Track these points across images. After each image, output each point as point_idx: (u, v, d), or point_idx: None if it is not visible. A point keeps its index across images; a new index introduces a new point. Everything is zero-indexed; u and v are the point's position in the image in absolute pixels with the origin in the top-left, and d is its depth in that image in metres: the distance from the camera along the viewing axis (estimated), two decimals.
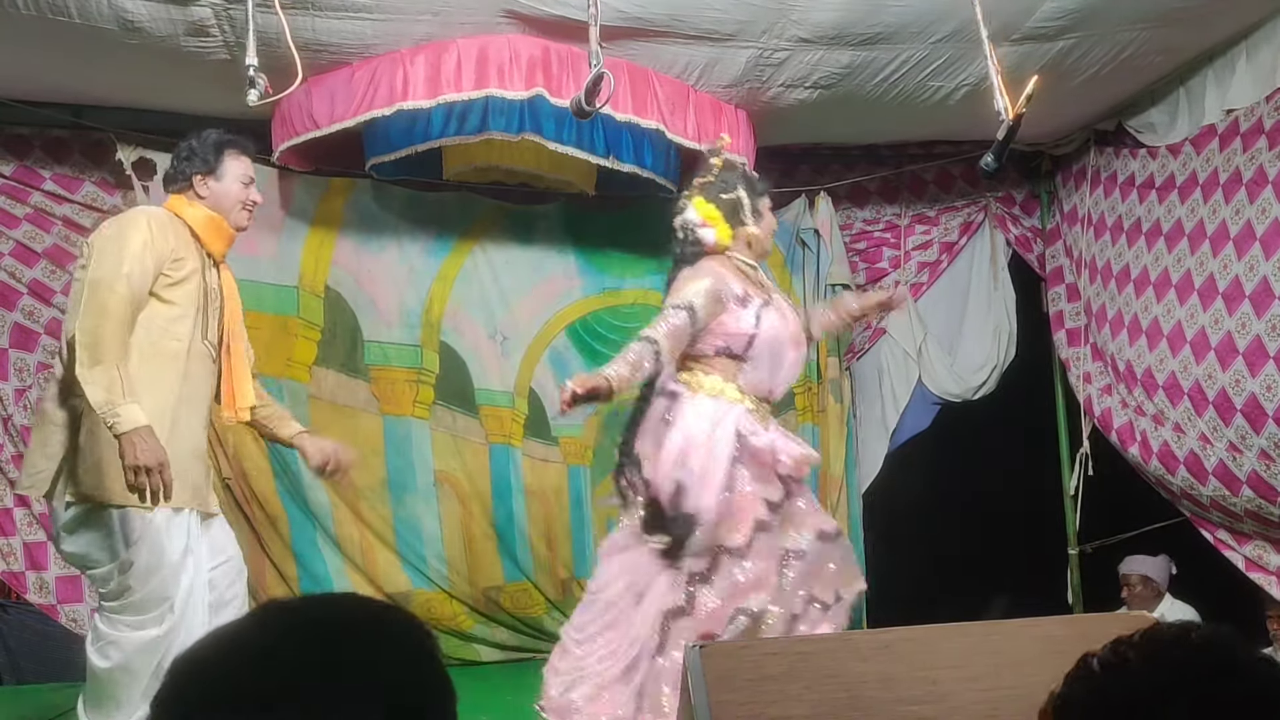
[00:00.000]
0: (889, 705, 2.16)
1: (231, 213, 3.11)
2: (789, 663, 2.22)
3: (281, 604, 0.98)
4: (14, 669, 4.51)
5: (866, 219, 5.37)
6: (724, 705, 2.09)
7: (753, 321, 3.14)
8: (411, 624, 0.98)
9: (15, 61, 3.90)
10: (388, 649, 0.93)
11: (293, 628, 0.93)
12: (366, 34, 3.73)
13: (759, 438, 3.07)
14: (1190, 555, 4.70)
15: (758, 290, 3.21)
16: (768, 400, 3.22)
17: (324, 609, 0.99)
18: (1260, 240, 3.90)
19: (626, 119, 3.88)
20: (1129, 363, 4.59)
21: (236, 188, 3.10)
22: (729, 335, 3.13)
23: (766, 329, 3.15)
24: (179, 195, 3.09)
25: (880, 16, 3.74)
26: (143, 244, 2.88)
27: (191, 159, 3.08)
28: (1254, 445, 3.92)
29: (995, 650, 2.32)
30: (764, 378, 3.19)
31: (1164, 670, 0.97)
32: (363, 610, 0.98)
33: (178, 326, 2.96)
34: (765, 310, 3.17)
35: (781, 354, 3.21)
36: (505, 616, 4.87)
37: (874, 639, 2.56)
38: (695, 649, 2.21)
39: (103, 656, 2.88)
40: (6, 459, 4.37)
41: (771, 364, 3.19)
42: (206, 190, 3.07)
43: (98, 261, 2.84)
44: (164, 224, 2.99)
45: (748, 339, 3.13)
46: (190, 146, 3.10)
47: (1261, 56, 3.97)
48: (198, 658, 0.92)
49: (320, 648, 0.91)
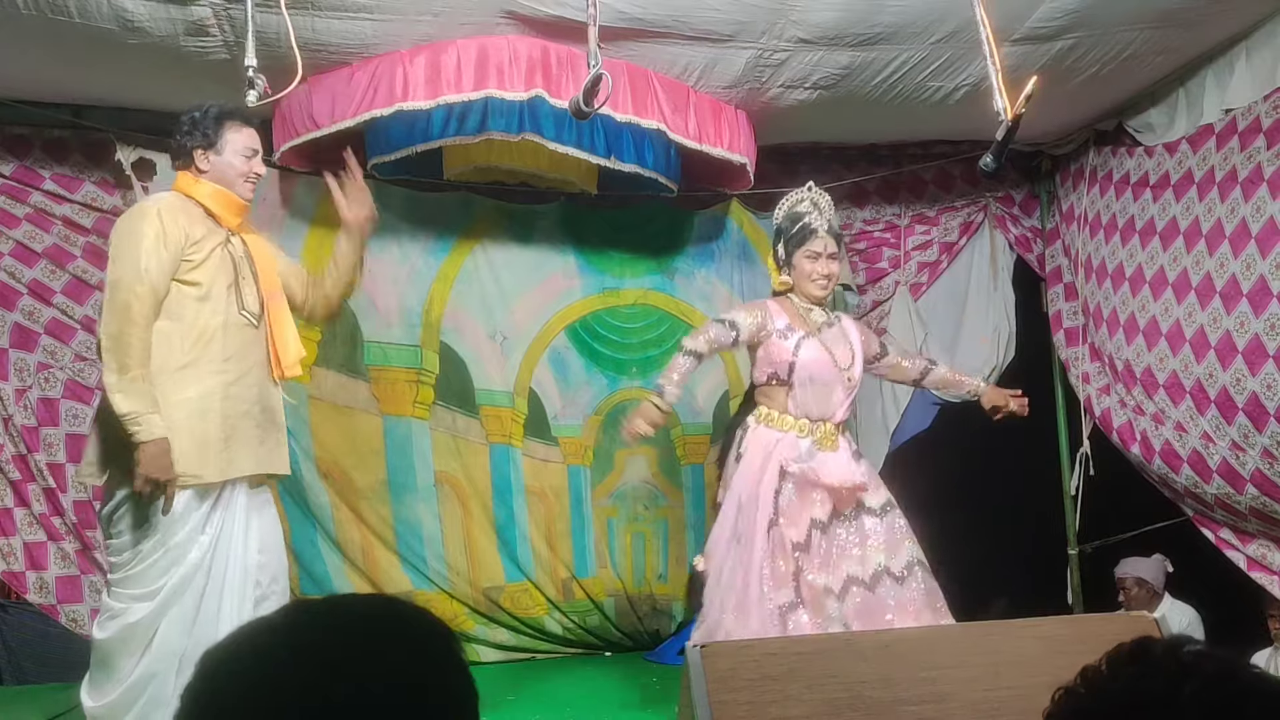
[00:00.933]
0: (889, 705, 2.17)
1: (234, 185, 3.10)
2: (789, 663, 2.23)
3: (310, 603, 1.00)
4: (14, 669, 4.51)
5: (866, 219, 5.37)
6: (724, 705, 2.10)
7: (791, 349, 3.59)
8: (436, 626, 1.00)
9: (15, 61, 3.90)
10: (413, 650, 0.94)
11: (323, 627, 0.95)
12: (366, 34, 3.73)
13: (800, 463, 3.51)
14: (1191, 555, 4.70)
15: (802, 325, 3.66)
16: (828, 420, 3.62)
17: (352, 609, 1.00)
18: (1256, 239, 3.90)
19: (627, 119, 3.88)
20: (1127, 362, 4.59)
21: (238, 161, 3.09)
22: (774, 363, 3.62)
23: (805, 356, 3.59)
24: (184, 171, 3.09)
25: (880, 17, 3.74)
26: (155, 237, 2.90)
27: (192, 133, 3.07)
28: (1257, 444, 3.92)
29: (995, 650, 2.32)
30: (812, 400, 3.60)
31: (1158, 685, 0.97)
32: (389, 611, 0.99)
33: (207, 307, 2.98)
34: (805, 340, 3.62)
35: (825, 378, 3.61)
36: (505, 617, 4.87)
37: (874, 639, 2.57)
38: (695, 649, 2.22)
39: (101, 629, 3.01)
40: (6, 459, 4.37)
41: (816, 387, 3.61)
42: (207, 164, 3.07)
43: (115, 261, 2.88)
44: (174, 210, 2.99)
45: (789, 365, 3.59)
46: (192, 119, 3.09)
47: (1261, 57, 3.97)
48: (230, 652, 0.93)
49: (347, 647, 0.92)
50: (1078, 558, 5.18)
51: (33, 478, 4.39)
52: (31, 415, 4.39)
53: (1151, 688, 0.96)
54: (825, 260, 3.63)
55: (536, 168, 4.39)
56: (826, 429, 3.61)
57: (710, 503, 4.66)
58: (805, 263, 3.64)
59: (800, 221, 3.66)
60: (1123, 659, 1.01)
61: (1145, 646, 1.01)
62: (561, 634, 4.95)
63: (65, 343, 4.45)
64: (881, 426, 5.25)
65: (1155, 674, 0.97)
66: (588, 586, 4.95)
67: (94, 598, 4.41)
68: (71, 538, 4.41)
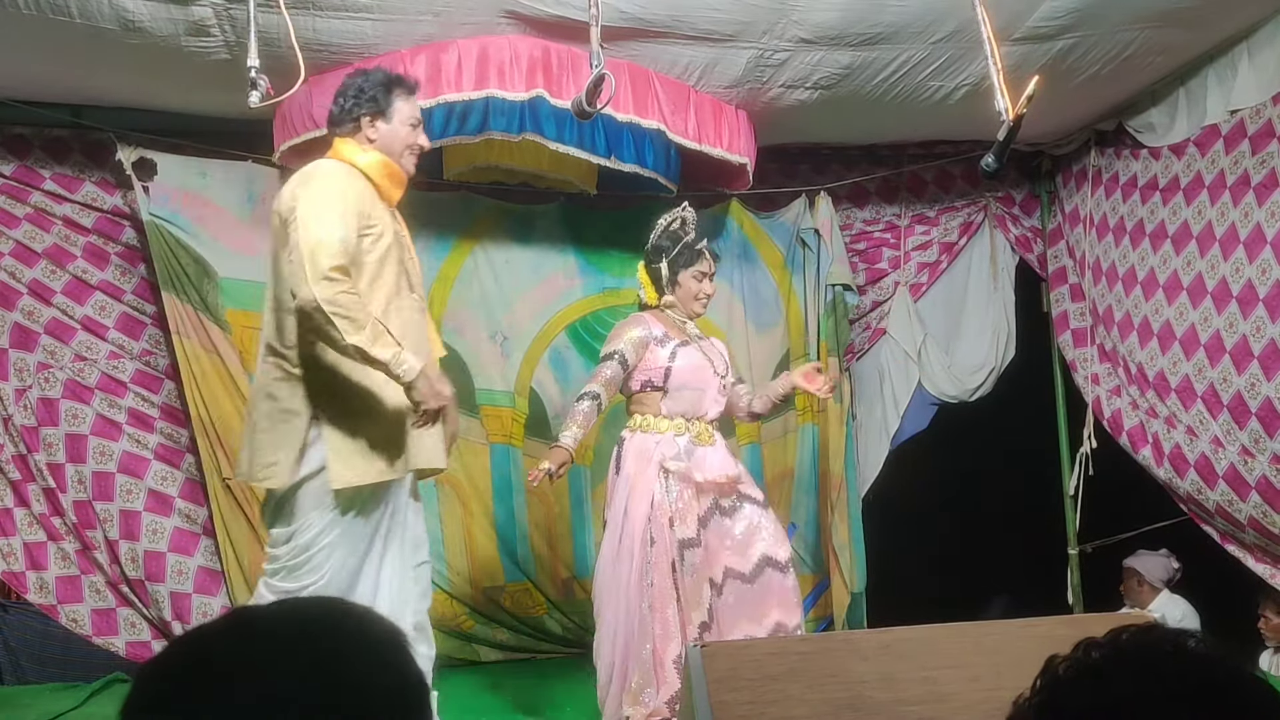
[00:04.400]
0: (889, 705, 2.16)
1: (400, 157, 2.96)
2: (789, 663, 2.23)
3: (251, 609, 0.99)
4: (14, 669, 4.51)
5: (866, 219, 5.37)
6: (724, 705, 2.09)
7: (667, 356, 3.69)
8: (381, 626, 0.98)
9: (15, 61, 3.90)
10: (354, 652, 0.93)
11: (260, 632, 0.93)
12: (367, 34, 3.73)
13: (678, 461, 3.60)
14: (1191, 555, 4.71)
15: (679, 334, 3.77)
16: (701, 419, 3.71)
17: (292, 613, 0.99)
18: (1271, 244, 3.89)
19: (627, 119, 3.89)
20: (1140, 365, 4.58)
21: (405, 130, 2.96)
22: (648, 370, 3.70)
23: (682, 362, 3.69)
24: (347, 139, 2.93)
25: (880, 17, 3.74)
26: (343, 202, 2.77)
27: (360, 99, 2.92)
28: (1267, 449, 3.92)
29: (995, 650, 2.32)
30: (687, 403, 3.69)
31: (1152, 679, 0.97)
32: (330, 613, 0.97)
33: (379, 289, 2.85)
34: (682, 348, 3.72)
35: (699, 383, 3.71)
36: (506, 617, 4.86)
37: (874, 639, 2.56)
38: (696, 648, 2.22)
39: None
40: (6, 459, 4.37)
41: (691, 392, 3.70)
42: (375, 133, 2.92)
43: (306, 224, 2.71)
44: (352, 179, 2.85)
45: (664, 371, 3.68)
46: (358, 86, 2.94)
47: (1264, 56, 3.96)
48: (167, 664, 0.92)
49: (285, 651, 0.90)
50: (1078, 558, 5.18)
51: (33, 478, 4.39)
52: (31, 415, 4.38)
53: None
54: (709, 281, 3.79)
55: (537, 167, 4.39)
56: (701, 426, 3.70)
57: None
58: (692, 282, 3.76)
59: (683, 241, 3.76)
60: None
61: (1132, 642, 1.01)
62: (561, 634, 4.95)
63: (65, 343, 4.44)
64: (881, 428, 5.25)
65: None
66: (588, 586, 4.93)
67: (94, 598, 4.42)
68: (71, 538, 4.41)
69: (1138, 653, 0.99)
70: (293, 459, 2.83)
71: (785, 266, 5.15)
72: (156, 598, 4.40)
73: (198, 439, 4.45)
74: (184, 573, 4.47)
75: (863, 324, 5.31)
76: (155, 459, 4.51)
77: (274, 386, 2.87)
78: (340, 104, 2.97)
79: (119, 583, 4.43)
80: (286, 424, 2.84)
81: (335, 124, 2.98)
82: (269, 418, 2.87)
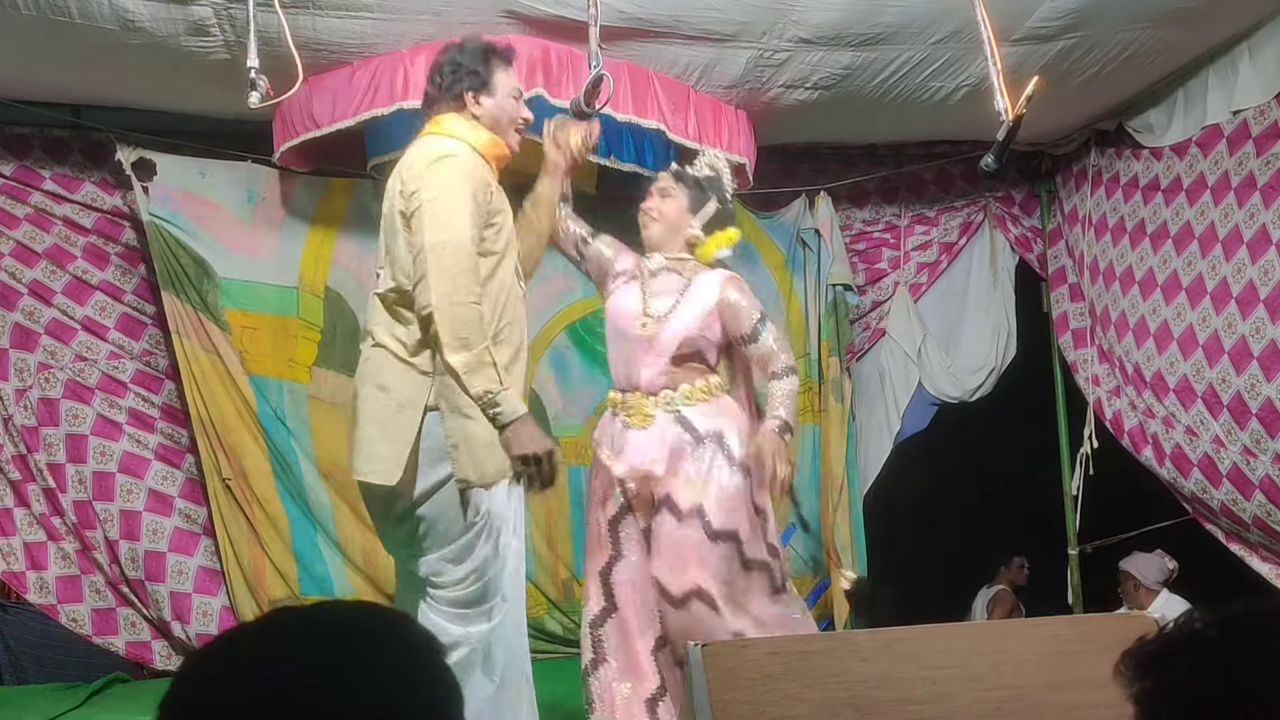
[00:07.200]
0: (889, 705, 2.16)
1: (506, 133, 2.71)
2: (789, 662, 2.22)
3: (292, 609, 0.99)
4: (14, 669, 4.51)
5: (866, 219, 5.37)
6: (724, 705, 2.09)
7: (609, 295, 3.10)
8: (418, 632, 0.99)
9: (15, 61, 3.90)
10: (393, 656, 0.93)
11: (301, 632, 0.94)
12: (367, 34, 3.73)
13: (606, 449, 3.00)
14: (1192, 554, 4.71)
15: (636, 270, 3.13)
16: (635, 389, 2.99)
17: (331, 614, 0.99)
18: (1276, 245, 3.90)
19: (627, 119, 3.89)
20: (1138, 365, 4.58)
21: (510, 103, 2.72)
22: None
23: (613, 304, 3.09)
24: (455, 115, 2.68)
25: (880, 17, 3.74)
26: (472, 197, 2.54)
27: (458, 73, 2.67)
28: (1269, 449, 3.93)
29: (995, 650, 2.31)
30: (618, 362, 3.05)
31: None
32: (371, 617, 0.98)
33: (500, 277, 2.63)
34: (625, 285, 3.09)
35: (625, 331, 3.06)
36: None
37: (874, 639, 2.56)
38: (696, 648, 2.21)
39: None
40: (6, 459, 4.37)
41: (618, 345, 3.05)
42: (480, 109, 2.67)
43: (434, 221, 2.49)
44: (476, 163, 2.61)
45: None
46: (455, 61, 2.69)
47: (1265, 57, 3.96)
48: (210, 662, 0.93)
49: (326, 653, 0.91)
50: (1078, 558, 5.17)
51: (33, 478, 4.39)
52: (31, 415, 4.38)
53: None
54: (656, 197, 3.14)
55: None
56: (634, 399, 2.98)
57: None
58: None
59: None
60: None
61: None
62: (561, 634, 4.94)
63: (65, 343, 4.44)
64: (883, 428, 5.25)
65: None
66: None
67: (94, 597, 4.42)
68: (71, 538, 4.41)
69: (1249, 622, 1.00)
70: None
71: (786, 267, 5.15)
72: (156, 598, 4.40)
73: (198, 439, 4.45)
74: (184, 573, 4.47)
75: (863, 324, 5.31)
76: (155, 459, 4.51)
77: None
78: (437, 81, 2.72)
79: (119, 583, 4.42)
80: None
81: (431, 103, 2.73)
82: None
